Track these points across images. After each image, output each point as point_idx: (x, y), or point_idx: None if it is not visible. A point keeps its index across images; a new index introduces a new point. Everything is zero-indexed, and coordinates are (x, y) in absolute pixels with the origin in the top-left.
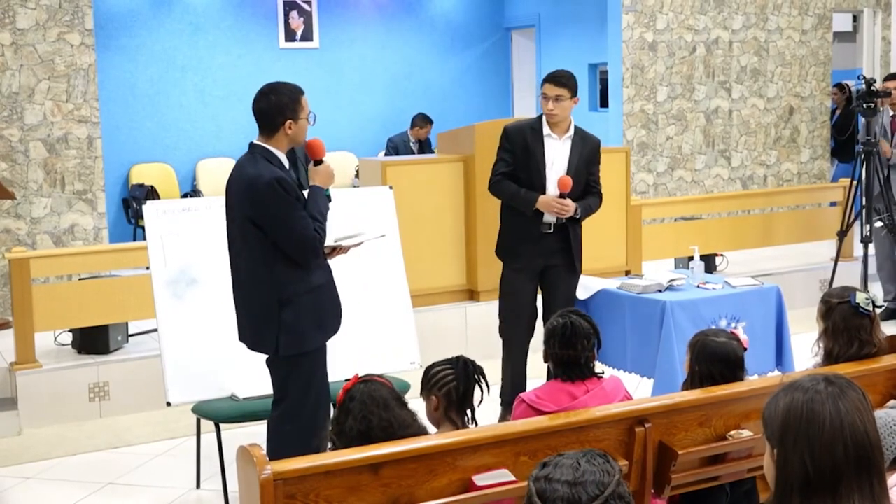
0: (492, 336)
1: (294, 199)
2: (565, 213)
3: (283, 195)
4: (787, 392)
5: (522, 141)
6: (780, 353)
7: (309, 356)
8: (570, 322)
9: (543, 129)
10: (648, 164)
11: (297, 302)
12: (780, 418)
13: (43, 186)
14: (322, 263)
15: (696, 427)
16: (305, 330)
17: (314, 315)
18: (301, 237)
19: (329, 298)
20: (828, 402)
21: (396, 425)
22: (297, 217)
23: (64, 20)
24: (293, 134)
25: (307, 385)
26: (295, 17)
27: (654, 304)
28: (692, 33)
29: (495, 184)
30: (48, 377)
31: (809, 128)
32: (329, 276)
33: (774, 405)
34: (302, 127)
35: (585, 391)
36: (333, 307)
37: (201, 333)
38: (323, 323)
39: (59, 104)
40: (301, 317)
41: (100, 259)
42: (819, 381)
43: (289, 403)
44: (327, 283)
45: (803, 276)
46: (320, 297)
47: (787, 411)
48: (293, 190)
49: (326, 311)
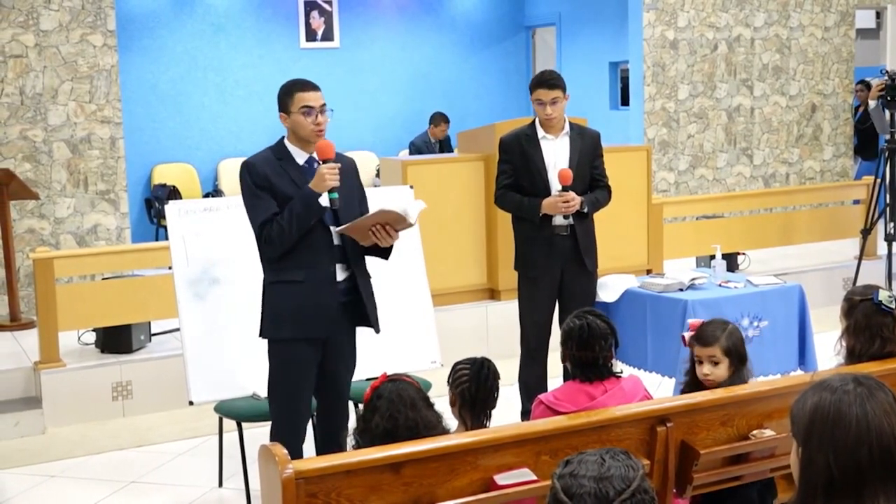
0: (512, 336)
1: (254, 186)
2: (571, 208)
3: (245, 179)
4: (815, 391)
5: (519, 149)
6: (802, 352)
7: (278, 346)
8: (587, 323)
9: (538, 133)
10: (670, 162)
11: (270, 290)
12: (807, 417)
13: (66, 187)
14: (306, 262)
15: (719, 426)
16: (273, 317)
17: (282, 306)
18: (253, 226)
19: (305, 296)
20: (855, 403)
21: (422, 426)
22: (253, 206)
23: (87, 21)
24: (291, 127)
25: (275, 377)
26: (316, 17)
27: (675, 303)
28: (714, 31)
29: (500, 197)
30: (72, 376)
31: (832, 125)
32: (314, 277)
33: (802, 403)
34: (297, 121)
35: (604, 391)
36: (311, 308)
37: (223, 333)
38: (293, 318)
39: (82, 105)
40: (270, 304)
41: (122, 259)
42: (848, 382)
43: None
44: (308, 282)
45: (826, 275)
46: (292, 291)
47: (814, 410)
48: (260, 178)
49: (299, 308)
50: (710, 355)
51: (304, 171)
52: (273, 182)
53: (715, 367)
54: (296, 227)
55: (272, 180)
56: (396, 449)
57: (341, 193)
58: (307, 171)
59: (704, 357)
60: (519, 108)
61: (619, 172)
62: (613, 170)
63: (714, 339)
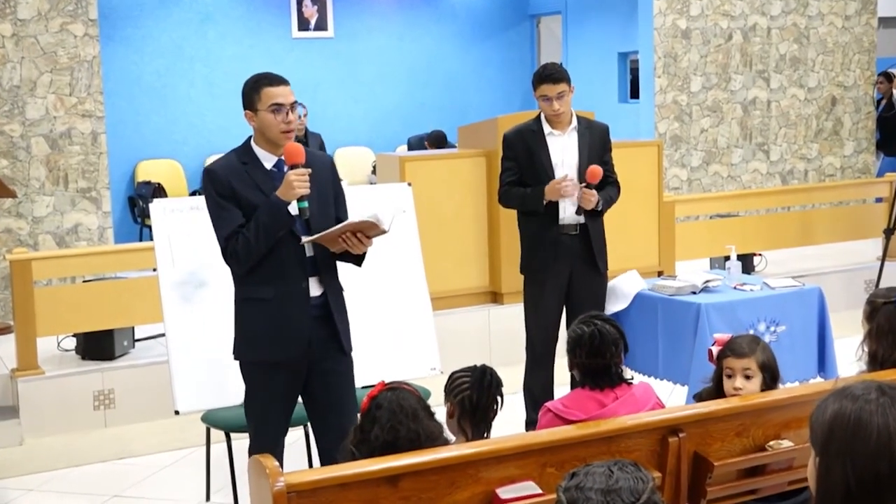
0: (516, 341)
1: (217, 196)
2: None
3: (207, 187)
4: (836, 398)
5: (524, 145)
6: (822, 358)
7: (250, 369)
8: (598, 329)
9: (544, 129)
10: (682, 158)
11: (239, 308)
12: (826, 425)
13: (45, 184)
14: (275, 277)
15: (734, 437)
16: (244, 338)
17: (252, 326)
18: (218, 240)
19: (276, 315)
20: (877, 412)
21: (424, 437)
22: (217, 217)
23: (67, 10)
24: (258, 127)
25: (248, 399)
26: (308, 5)
27: (687, 307)
28: (728, 19)
29: (503, 195)
30: (51, 384)
31: (853, 119)
32: (285, 294)
33: (822, 411)
34: (265, 120)
35: (615, 398)
36: (282, 328)
37: (211, 338)
38: (263, 340)
39: (62, 98)
40: (240, 324)
41: (105, 260)
42: (871, 390)
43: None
44: (278, 299)
45: (847, 277)
46: (262, 310)
47: (833, 419)
48: (223, 187)
49: (270, 329)
50: (745, 367)
51: (273, 177)
52: (237, 190)
53: (748, 381)
54: (263, 240)
55: (236, 188)
56: (393, 461)
57: (313, 199)
58: (276, 175)
59: (738, 370)
60: (523, 101)
61: (629, 169)
62: (623, 166)
63: (751, 350)
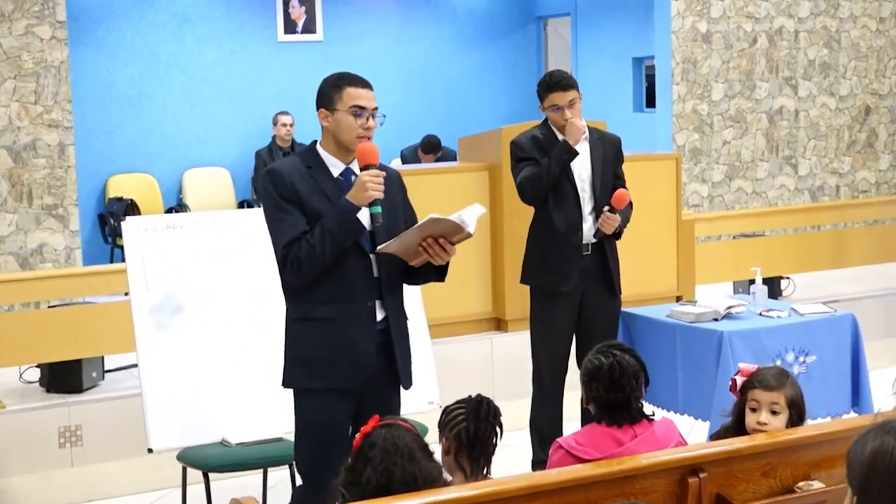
0: (521, 372)
1: (280, 199)
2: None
3: (268, 189)
4: (877, 434)
5: (541, 152)
6: (856, 391)
7: (305, 398)
8: (617, 361)
9: (558, 136)
10: (702, 172)
11: (294, 328)
12: (866, 464)
13: (7, 200)
14: (339, 296)
15: (760, 477)
16: (299, 363)
17: (310, 349)
18: (274, 245)
19: (338, 338)
20: None
21: (421, 480)
22: (277, 221)
23: (32, 11)
24: (332, 128)
25: (301, 434)
26: (296, 6)
27: (709, 335)
28: (752, 22)
29: (523, 182)
30: (12, 419)
31: (889, 130)
32: (350, 314)
33: (861, 447)
34: (343, 121)
35: (633, 436)
36: (345, 353)
37: (188, 369)
38: (323, 365)
39: (27, 106)
40: (295, 347)
41: (72, 284)
42: None
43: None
44: (342, 319)
45: (882, 303)
46: (322, 331)
47: (874, 456)
48: (286, 189)
49: (331, 353)
50: (772, 402)
51: (340, 185)
52: (302, 195)
53: (774, 416)
54: (329, 248)
55: (300, 192)
56: (387, 503)
57: (385, 209)
58: (343, 184)
59: (764, 403)
60: (529, 111)
61: (645, 184)
62: (638, 181)
63: (779, 384)
